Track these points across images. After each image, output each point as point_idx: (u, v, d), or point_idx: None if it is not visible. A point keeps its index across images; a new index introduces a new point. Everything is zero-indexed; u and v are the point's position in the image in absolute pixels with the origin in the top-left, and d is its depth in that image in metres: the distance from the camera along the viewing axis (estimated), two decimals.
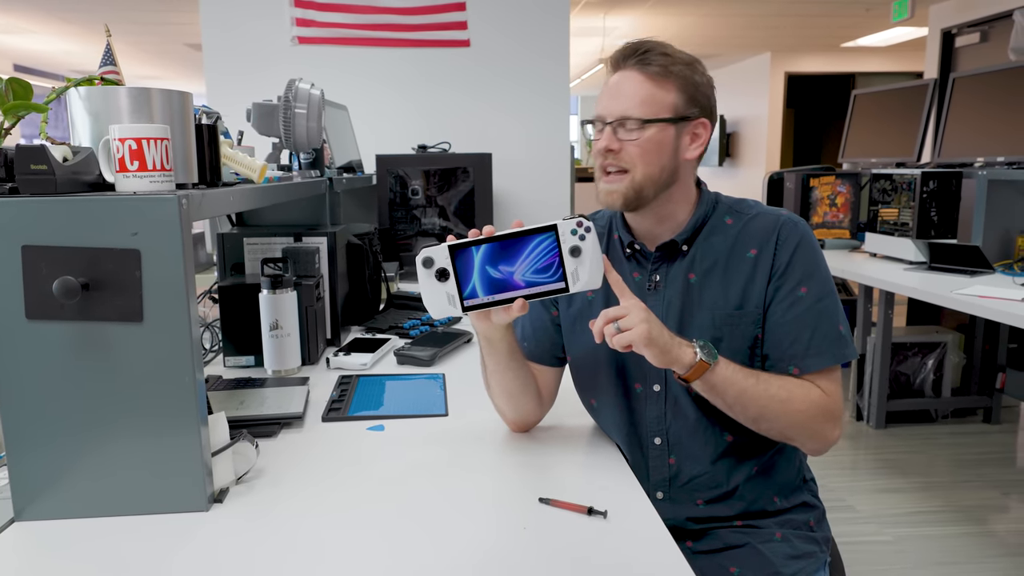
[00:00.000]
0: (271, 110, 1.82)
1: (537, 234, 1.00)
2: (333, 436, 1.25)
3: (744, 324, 1.12)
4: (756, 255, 1.13)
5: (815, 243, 1.14)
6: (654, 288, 1.17)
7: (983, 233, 2.90)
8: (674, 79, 1.10)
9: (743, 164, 9.50)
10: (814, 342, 1.10)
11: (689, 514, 1.18)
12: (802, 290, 1.11)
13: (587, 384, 1.25)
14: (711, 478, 1.16)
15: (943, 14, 5.65)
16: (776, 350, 1.12)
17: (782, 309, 1.11)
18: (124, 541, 0.92)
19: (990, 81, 3.15)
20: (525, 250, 1.01)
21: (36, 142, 0.96)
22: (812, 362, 1.11)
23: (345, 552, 0.89)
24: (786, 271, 1.11)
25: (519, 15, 3.13)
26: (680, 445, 1.16)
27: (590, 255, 1.00)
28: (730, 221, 1.16)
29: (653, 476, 1.18)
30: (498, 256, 1.01)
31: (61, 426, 0.95)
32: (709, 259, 1.15)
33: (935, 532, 2.55)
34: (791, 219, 1.15)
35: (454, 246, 1.01)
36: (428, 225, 2.68)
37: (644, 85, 1.09)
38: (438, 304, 1.03)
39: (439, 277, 1.02)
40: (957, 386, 3.59)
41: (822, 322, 1.11)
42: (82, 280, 0.91)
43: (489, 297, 1.03)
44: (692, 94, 1.11)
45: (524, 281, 1.02)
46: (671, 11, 6.22)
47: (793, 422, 1.09)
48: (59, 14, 6.10)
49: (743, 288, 1.12)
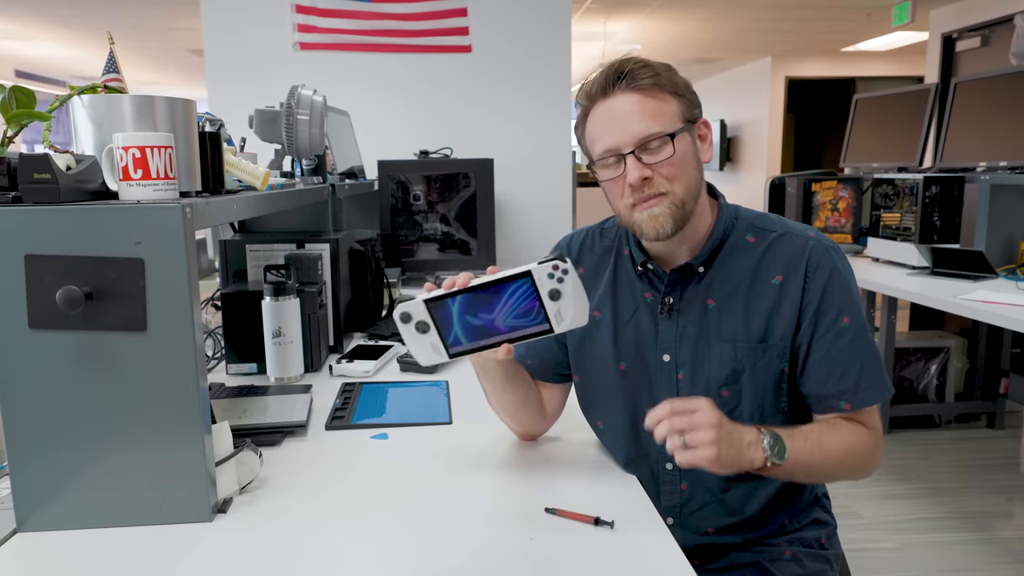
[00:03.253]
0: (273, 117, 1.82)
1: (512, 281, 0.95)
2: (337, 445, 1.25)
3: (769, 358, 1.05)
4: (782, 283, 1.05)
5: (848, 268, 1.07)
6: (667, 312, 1.10)
7: (986, 238, 2.89)
8: (666, 87, 1.03)
9: (744, 168, 9.50)
10: (865, 375, 1.04)
11: (698, 542, 1.14)
12: (844, 320, 1.04)
13: (594, 406, 1.20)
14: (724, 506, 1.12)
15: (944, 18, 5.65)
16: (822, 387, 1.05)
17: (827, 343, 1.04)
18: (127, 552, 0.91)
19: (992, 86, 3.15)
20: (503, 297, 0.96)
21: (38, 148, 0.95)
22: (865, 397, 1.04)
23: (350, 562, 0.89)
24: (822, 302, 1.04)
25: (520, 21, 3.13)
26: (693, 472, 1.06)
27: (571, 295, 0.95)
28: (752, 240, 1.08)
29: (664, 501, 1.14)
30: (476, 305, 0.97)
31: (64, 436, 0.94)
32: (729, 284, 1.07)
33: (940, 539, 2.54)
34: (820, 243, 1.06)
35: (429, 300, 0.97)
36: (430, 231, 2.68)
37: (645, 102, 1.02)
38: (424, 354, 1.00)
39: (419, 330, 0.98)
40: (960, 391, 3.58)
41: (869, 353, 1.05)
42: (86, 289, 0.90)
43: (474, 344, 0.99)
44: (687, 96, 1.05)
45: (507, 326, 0.98)
46: (672, 16, 6.23)
47: (851, 470, 1.07)
48: (60, 19, 6.11)
49: (767, 318, 1.05)
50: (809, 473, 1.04)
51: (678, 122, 1.03)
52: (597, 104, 1.05)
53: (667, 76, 1.04)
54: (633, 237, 1.13)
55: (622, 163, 1.03)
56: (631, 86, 1.02)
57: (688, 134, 1.05)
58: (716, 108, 10.17)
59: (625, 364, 1.14)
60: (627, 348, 1.13)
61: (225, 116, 1.53)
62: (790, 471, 1.00)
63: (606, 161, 1.05)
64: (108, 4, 5.57)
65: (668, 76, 1.04)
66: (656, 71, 1.03)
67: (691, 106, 1.05)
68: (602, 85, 1.03)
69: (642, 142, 1.01)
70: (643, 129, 1.01)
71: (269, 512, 1.01)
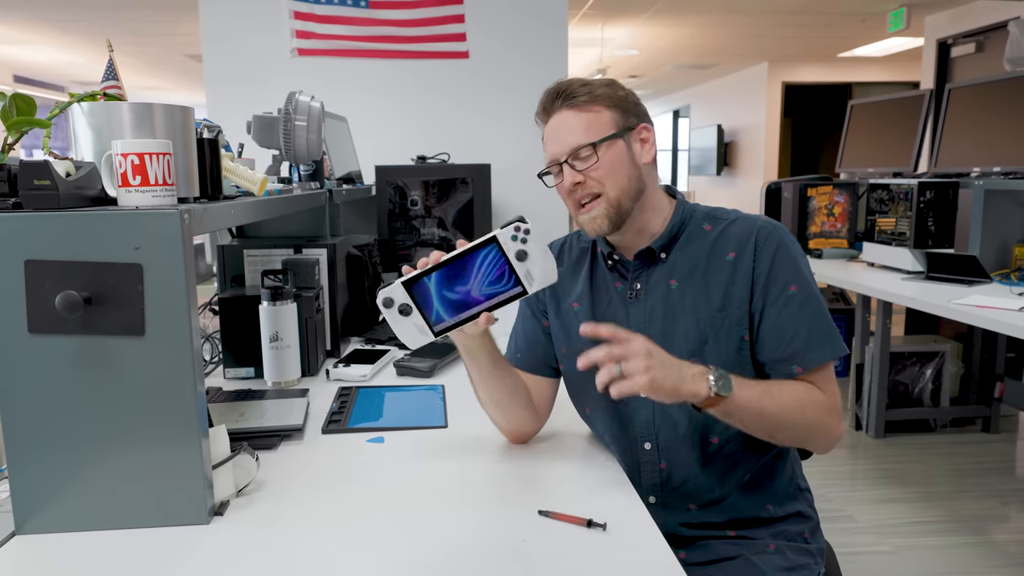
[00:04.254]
0: (271, 122, 1.83)
1: (480, 249, 1.03)
2: (333, 448, 1.26)
3: (728, 325, 1.13)
4: (735, 258, 1.14)
5: (795, 244, 1.16)
6: (635, 297, 1.19)
7: (980, 243, 2.91)
8: (602, 100, 1.14)
9: (740, 174, 9.53)
10: (812, 337, 1.11)
11: (682, 519, 1.19)
12: (792, 288, 1.12)
13: (580, 393, 1.27)
14: (702, 483, 1.17)
15: (939, 25, 5.68)
16: (775, 351, 1.12)
17: (776, 310, 1.12)
18: (125, 555, 0.92)
19: (986, 91, 3.17)
20: (474, 267, 1.04)
21: (36, 154, 0.96)
22: (813, 357, 1.11)
23: (345, 564, 0.90)
24: (770, 273, 1.12)
25: (517, 26, 3.15)
26: (670, 450, 1.17)
27: (537, 254, 1.03)
28: (708, 228, 1.18)
29: (645, 481, 1.19)
30: (451, 279, 1.04)
31: (62, 440, 0.95)
32: (688, 264, 1.16)
33: (935, 542, 2.55)
34: (768, 223, 1.16)
35: (406, 281, 1.04)
36: (427, 236, 2.69)
37: (579, 116, 1.14)
38: (410, 336, 1.07)
39: (402, 313, 1.05)
40: (956, 395, 3.60)
41: (816, 317, 1.12)
42: (84, 294, 0.91)
43: (455, 318, 1.06)
44: (622, 107, 1.16)
45: (483, 295, 1.05)
46: (669, 21, 6.25)
47: (806, 428, 1.11)
48: (59, 24, 6.13)
49: (724, 290, 1.14)
50: (761, 419, 1.07)
51: (610, 130, 1.14)
52: (546, 122, 1.19)
53: (605, 91, 1.15)
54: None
55: (561, 171, 1.16)
56: (567, 104, 1.15)
57: (622, 140, 1.15)
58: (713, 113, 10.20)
59: None
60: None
61: (223, 121, 1.54)
62: (740, 414, 1.05)
63: (551, 171, 1.19)
64: (107, 9, 5.59)
65: (606, 91, 1.16)
66: (592, 88, 1.15)
67: (627, 115, 1.16)
68: (545, 105, 1.18)
69: (573, 152, 1.14)
70: (574, 141, 1.14)
71: (266, 515, 1.02)
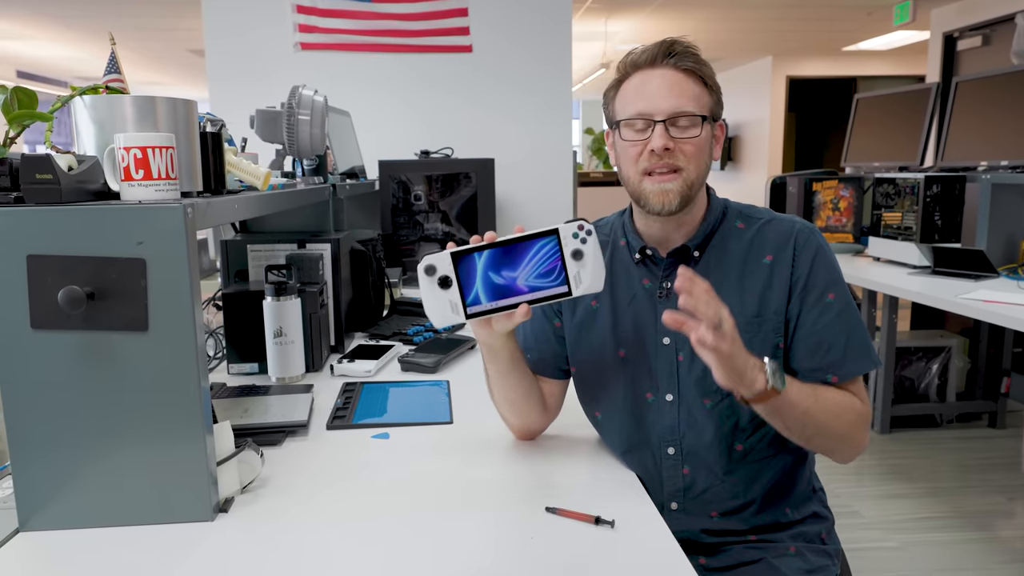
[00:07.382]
0: (274, 117, 1.82)
1: (539, 238, 1.00)
2: (338, 444, 1.25)
3: (764, 332, 1.09)
4: (772, 261, 1.11)
5: (831, 250, 1.13)
6: (665, 296, 1.14)
7: (987, 237, 2.89)
8: (707, 79, 1.10)
9: (745, 168, 9.50)
10: (851, 347, 1.08)
11: (703, 526, 1.16)
12: (830, 296, 1.09)
13: (593, 395, 1.22)
14: (727, 489, 1.14)
15: (945, 18, 5.65)
16: (811, 360, 1.09)
17: (813, 317, 1.08)
18: (129, 551, 0.92)
19: (993, 85, 3.15)
20: (527, 255, 1.00)
21: (40, 149, 0.95)
22: (851, 368, 1.08)
23: (351, 561, 0.89)
24: (809, 279, 1.09)
25: (521, 20, 3.13)
26: (695, 455, 1.14)
27: (592, 258, 1.00)
28: (742, 226, 1.14)
29: (667, 486, 1.16)
30: (500, 262, 1.01)
31: (66, 436, 0.94)
32: (723, 265, 1.12)
33: (941, 538, 2.54)
34: (806, 226, 1.13)
35: (456, 253, 1.00)
36: (431, 230, 2.68)
37: (687, 83, 1.08)
38: (440, 312, 1.02)
39: (442, 285, 1.01)
40: (962, 391, 3.58)
41: (855, 327, 1.09)
42: (87, 289, 0.91)
43: (492, 304, 1.02)
44: (718, 97, 1.12)
45: (527, 286, 1.01)
46: (673, 15, 6.23)
47: (842, 436, 1.08)
48: (62, 20, 6.12)
49: (760, 295, 1.10)
50: (804, 420, 1.04)
51: (708, 112, 1.10)
52: (640, 72, 1.10)
53: (708, 70, 1.11)
54: (630, 226, 1.18)
55: (649, 129, 1.07)
56: (677, 64, 1.08)
57: (710, 126, 1.11)
58: None
59: (624, 350, 1.16)
60: (626, 334, 1.16)
61: (226, 116, 1.53)
62: (785, 409, 1.02)
63: (635, 124, 1.09)
64: (109, 4, 5.58)
65: (708, 71, 1.11)
66: (701, 61, 1.10)
67: (718, 105, 1.13)
68: (650, 57, 1.09)
69: (674, 115, 1.07)
70: (679, 104, 1.07)
71: (270, 511, 1.01)
